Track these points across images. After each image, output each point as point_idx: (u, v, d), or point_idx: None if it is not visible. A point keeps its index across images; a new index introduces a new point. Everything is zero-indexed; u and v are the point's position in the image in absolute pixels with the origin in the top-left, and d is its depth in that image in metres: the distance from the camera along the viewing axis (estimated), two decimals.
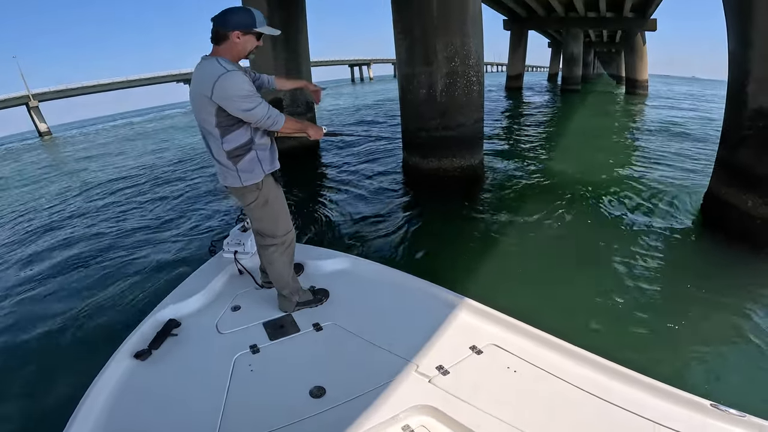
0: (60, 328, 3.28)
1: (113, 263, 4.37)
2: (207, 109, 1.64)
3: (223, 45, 1.66)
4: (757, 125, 3.69)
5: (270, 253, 1.94)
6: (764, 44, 3.53)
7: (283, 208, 1.95)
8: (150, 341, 1.74)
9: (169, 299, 2.03)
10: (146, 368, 1.64)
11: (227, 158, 1.73)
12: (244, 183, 1.78)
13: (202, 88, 1.61)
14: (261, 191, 1.82)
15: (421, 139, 6.04)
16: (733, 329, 2.76)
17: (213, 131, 1.69)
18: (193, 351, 1.73)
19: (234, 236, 2.35)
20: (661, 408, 1.26)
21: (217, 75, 1.57)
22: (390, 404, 1.37)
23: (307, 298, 2.02)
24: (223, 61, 1.62)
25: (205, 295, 2.07)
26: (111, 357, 1.65)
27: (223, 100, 1.60)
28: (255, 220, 1.93)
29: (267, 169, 1.82)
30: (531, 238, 4.32)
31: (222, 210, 5.64)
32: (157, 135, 19.56)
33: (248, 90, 1.62)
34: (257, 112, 1.65)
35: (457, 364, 1.53)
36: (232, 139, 1.71)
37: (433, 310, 1.83)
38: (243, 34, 1.64)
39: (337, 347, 1.73)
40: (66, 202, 7.66)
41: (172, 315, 1.92)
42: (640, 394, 1.32)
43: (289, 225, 1.98)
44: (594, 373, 1.42)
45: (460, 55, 5.47)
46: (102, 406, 1.45)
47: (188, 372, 1.62)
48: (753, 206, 3.78)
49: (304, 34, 9.39)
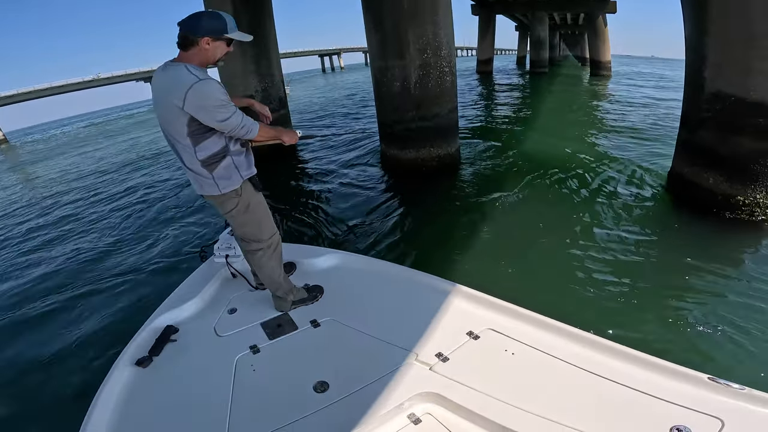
0: (53, 343, 3.20)
1: (103, 275, 4.22)
2: (178, 119, 1.55)
3: (191, 51, 1.57)
4: (715, 108, 3.91)
5: (258, 258, 1.91)
6: (719, 31, 3.73)
7: (266, 212, 1.91)
8: (150, 348, 1.74)
9: (164, 306, 2.01)
10: (149, 375, 1.64)
11: (201, 167, 1.66)
12: (222, 191, 1.71)
13: (172, 97, 1.51)
14: (241, 197, 1.77)
15: (398, 131, 6.06)
16: (711, 296, 2.96)
17: (183, 141, 1.61)
18: (193, 355, 1.74)
19: (224, 240, 2.32)
20: (659, 383, 1.28)
21: (189, 83, 1.49)
22: (393, 394, 1.39)
23: (301, 296, 2.01)
24: (193, 68, 1.53)
25: (200, 300, 2.06)
26: (112, 367, 1.65)
27: (197, 110, 1.52)
28: (238, 227, 1.88)
29: (244, 174, 1.76)
30: (509, 220, 4.48)
31: (208, 214, 5.48)
32: (122, 134, 18.72)
33: (223, 99, 1.55)
34: (232, 122, 1.58)
35: (455, 350, 1.56)
36: (205, 147, 1.63)
37: (428, 299, 1.85)
38: (213, 40, 1.57)
39: (336, 342, 1.75)
40: (38, 214, 7.28)
41: (169, 321, 1.91)
42: (637, 370, 1.34)
43: (273, 228, 1.95)
44: (589, 351, 1.45)
45: (431, 46, 5.49)
46: (110, 415, 1.44)
47: (191, 376, 1.63)
48: (714, 183, 4.03)
49: (272, 28, 9.15)
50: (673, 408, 1.21)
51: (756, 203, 3.82)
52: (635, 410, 1.23)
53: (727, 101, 3.77)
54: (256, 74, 8.69)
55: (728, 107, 3.79)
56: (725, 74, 3.78)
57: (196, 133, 1.59)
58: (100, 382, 1.56)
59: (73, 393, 2.59)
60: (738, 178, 3.86)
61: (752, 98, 3.60)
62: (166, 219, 5.73)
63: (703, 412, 1.17)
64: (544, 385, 1.37)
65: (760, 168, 3.71)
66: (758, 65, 3.51)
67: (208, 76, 1.58)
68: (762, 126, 3.61)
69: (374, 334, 1.72)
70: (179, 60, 1.58)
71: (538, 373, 1.42)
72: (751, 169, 3.76)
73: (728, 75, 3.75)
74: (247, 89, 8.50)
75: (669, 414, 1.19)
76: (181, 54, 1.59)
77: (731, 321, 2.66)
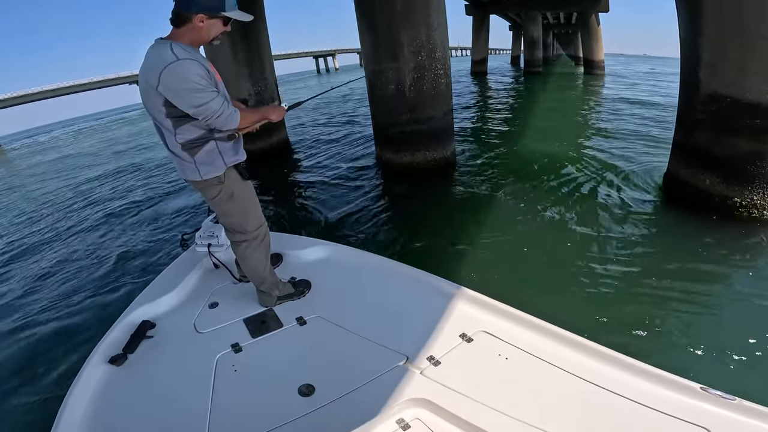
0: (21, 340, 3.04)
1: (75, 265, 3.99)
2: (154, 99, 1.47)
3: (183, 28, 1.48)
4: (710, 109, 3.89)
5: (242, 249, 1.82)
6: (713, 31, 3.71)
7: (252, 202, 1.81)
8: (124, 345, 1.65)
9: (140, 299, 1.91)
10: (123, 373, 1.56)
11: (182, 150, 1.57)
12: (204, 176, 1.62)
13: (149, 76, 1.44)
14: (224, 185, 1.67)
15: (393, 134, 6.03)
16: (709, 300, 2.91)
17: (164, 122, 1.52)
18: (171, 353, 1.65)
19: (206, 228, 2.20)
20: (651, 391, 1.27)
21: (165, 63, 1.40)
22: (382, 399, 1.34)
23: (287, 291, 1.91)
24: (177, 47, 1.44)
25: (179, 293, 1.96)
26: (84, 364, 1.56)
27: (170, 93, 1.43)
28: (222, 215, 1.79)
29: (229, 161, 1.66)
30: (504, 222, 4.41)
31: (191, 200, 5.27)
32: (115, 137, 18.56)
33: (199, 83, 1.43)
34: (208, 108, 1.46)
35: (447, 354, 1.50)
36: (187, 129, 1.54)
37: (420, 298, 1.78)
38: (208, 17, 1.48)
39: (323, 342, 1.67)
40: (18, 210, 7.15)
41: (146, 316, 1.82)
42: (629, 378, 1.32)
43: (260, 219, 1.85)
44: (584, 357, 1.42)
45: (425, 49, 5.45)
46: (80, 417, 1.37)
47: (168, 375, 1.54)
48: (711, 185, 4.00)
49: (265, 30, 9.09)
50: (664, 418, 1.20)
51: (753, 204, 3.80)
52: (627, 419, 1.22)
53: (723, 102, 3.75)
54: (249, 77, 8.62)
55: (723, 108, 3.76)
56: (720, 75, 3.76)
57: (175, 114, 1.50)
58: (70, 382, 1.49)
59: (42, 393, 2.44)
60: (734, 180, 3.84)
61: (747, 99, 3.57)
62: (145, 202, 5.49)
63: (692, 422, 1.16)
64: (536, 393, 1.33)
65: (757, 169, 3.69)
66: (753, 66, 3.49)
67: (193, 56, 1.47)
68: (758, 127, 3.58)
69: (363, 334, 1.65)
70: (169, 37, 1.51)
71: (531, 380, 1.38)
72: (747, 170, 3.73)
73: (723, 76, 3.73)
74: (239, 92, 8.42)
75: (659, 423, 1.18)
76: (173, 31, 1.52)
77: (728, 327, 2.62)
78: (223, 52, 7.73)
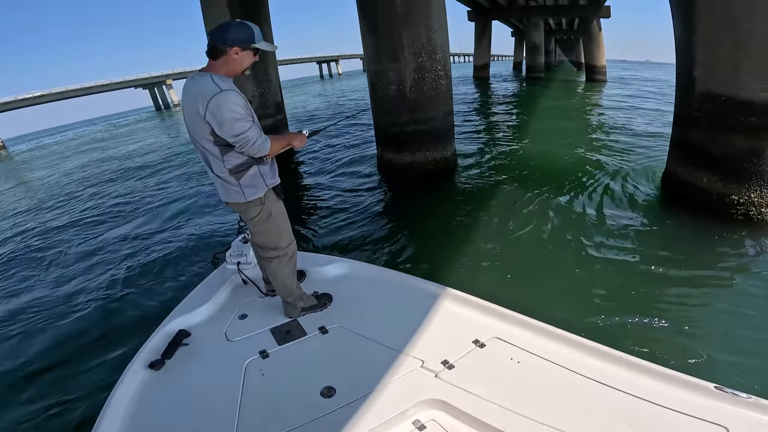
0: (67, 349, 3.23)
1: (115, 280, 4.23)
2: (202, 128, 1.61)
3: (220, 60, 1.62)
4: (706, 108, 3.94)
5: (274, 266, 1.95)
6: (707, 30, 3.77)
7: (285, 220, 1.96)
8: (162, 352, 1.78)
9: (177, 311, 2.06)
10: (161, 377, 1.68)
11: (230, 175, 1.71)
12: (248, 198, 1.76)
13: (196, 106, 1.57)
14: (264, 205, 1.82)
15: (394, 134, 6.08)
16: (715, 300, 2.94)
17: (212, 149, 1.66)
18: (204, 359, 1.78)
19: (236, 248, 2.38)
20: (665, 392, 1.28)
21: (211, 94, 1.54)
22: (399, 400, 1.41)
23: (311, 303, 2.04)
24: (218, 78, 1.59)
25: (211, 306, 2.11)
26: (126, 369, 1.69)
27: (215, 121, 1.57)
28: (257, 234, 1.92)
29: (269, 183, 1.82)
30: (506, 224, 4.45)
31: (220, 222, 5.48)
32: (127, 139, 18.73)
33: (242, 113, 1.58)
34: (247, 136, 1.61)
35: (461, 358, 1.57)
36: (233, 156, 1.68)
37: (435, 308, 1.88)
38: (241, 50, 1.62)
39: (343, 348, 1.78)
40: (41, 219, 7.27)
41: (182, 326, 1.96)
42: (643, 379, 1.34)
43: (290, 236, 2.00)
44: (595, 360, 1.46)
45: (426, 50, 5.53)
46: (122, 416, 1.48)
47: (202, 379, 1.66)
48: (709, 183, 4.05)
49: (269, 34, 9.22)
50: (680, 417, 1.21)
51: (751, 202, 3.83)
52: (642, 420, 1.23)
53: (718, 100, 3.80)
54: (253, 80, 8.74)
55: (719, 106, 3.81)
56: (714, 74, 3.81)
57: (223, 142, 1.63)
58: (113, 385, 1.61)
59: (86, 395, 2.63)
60: (732, 177, 3.88)
61: (742, 97, 3.63)
62: (179, 223, 5.70)
63: (710, 421, 1.17)
64: (548, 394, 1.37)
65: (753, 167, 3.73)
66: (746, 64, 3.54)
67: (233, 87, 1.61)
68: (753, 124, 3.63)
69: (381, 341, 1.74)
70: (207, 69, 1.65)
71: (543, 382, 1.42)
72: (744, 168, 3.77)
73: (717, 74, 3.78)
74: (244, 95, 8.52)
75: (676, 423, 1.20)
76: (210, 63, 1.65)
77: (735, 326, 2.63)
78: None
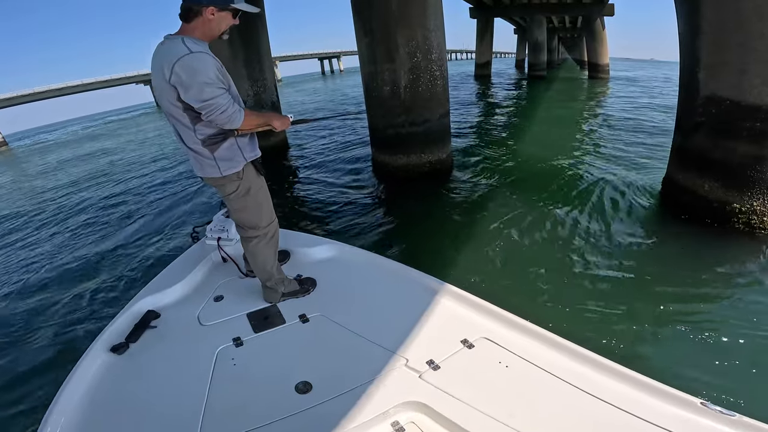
0: (30, 324, 3.07)
1: (86, 253, 4.03)
2: (169, 93, 1.47)
3: (194, 22, 1.48)
4: (709, 111, 3.78)
5: (253, 245, 1.83)
6: (712, 31, 3.61)
7: (266, 198, 1.83)
8: (127, 334, 1.67)
9: (147, 289, 1.94)
10: (123, 362, 1.57)
11: (203, 146, 1.56)
12: (224, 173, 1.62)
13: (162, 70, 1.43)
14: (242, 180, 1.68)
15: (388, 136, 5.96)
16: (710, 312, 2.83)
17: (181, 118, 1.53)
18: (173, 344, 1.67)
19: (217, 222, 2.24)
20: (651, 405, 1.25)
21: (178, 55, 1.40)
22: (378, 400, 1.34)
23: (292, 288, 1.92)
24: (189, 40, 1.45)
25: (186, 285, 1.99)
26: (86, 351, 1.58)
27: (181, 85, 1.42)
28: (236, 211, 1.80)
29: (248, 156, 1.68)
30: (503, 229, 4.32)
31: (203, 194, 5.28)
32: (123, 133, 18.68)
33: (211, 76, 1.44)
34: (215, 103, 1.45)
35: (447, 359, 1.49)
36: (206, 125, 1.53)
37: (424, 302, 1.77)
38: (219, 10, 1.48)
39: (324, 340, 1.67)
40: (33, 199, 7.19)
41: (151, 306, 1.85)
42: (630, 391, 1.31)
43: (272, 215, 1.87)
44: (585, 368, 1.40)
45: (422, 50, 5.39)
46: (77, 402, 1.39)
47: (168, 366, 1.56)
48: (710, 190, 3.89)
49: (265, 31, 9.07)
50: None
51: (753, 211, 3.68)
52: None
53: (722, 104, 3.65)
54: (248, 78, 8.60)
55: (723, 110, 3.66)
56: (719, 76, 3.66)
57: (192, 109, 1.49)
58: (71, 368, 1.51)
59: (43, 378, 2.50)
60: (734, 185, 3.72)
61: (748, 101, 3.47)
62: (158, 195, 5.54)
63: None
64: (536, 403, 1.31)
65: (757, 174, 3.58)
66: (754, 67, 3.39)
67: (206, 50, 1.48)
68: (758, 130, 3.47)
69: (364, 334, 1.65)
70: (180, 33, 1.50)
71: (531, 390, 1.36)
72: (747, 175, 3.62)
73: (723, 77, 3.63)
74: (238, 93, 8.41)
75: None
76: (183, 26, 1.51)
77: (729, 339, 2.53)
78: (221, 53, 7.72)
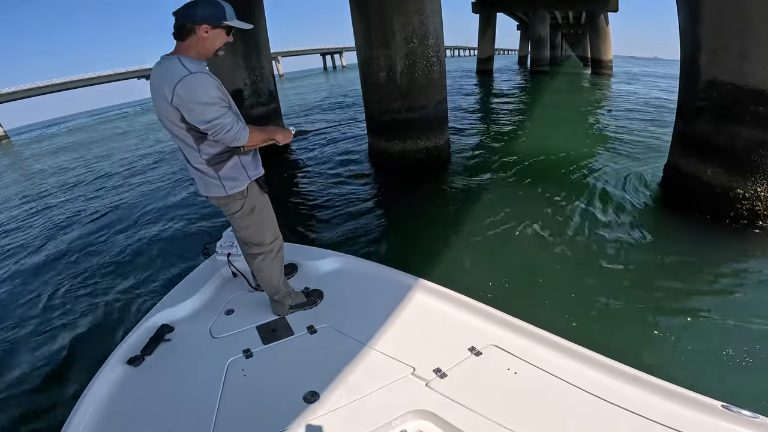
0: (50, 337, 3.14)
1: (102, 270, 4.12)
2: (171, 115, 1.46)
3: (188, 41, 1.46)
4: (711, 96, 3.69)
5: (258, 262, 1.83)
6: (712, 17, 3.52)
7: (270, 215, 1.84)
8: (143, 347, 1.72)
9: (161, 304, 2.00)
10: (139, 374, 1.62)
11: (207, 166, 1.57)
12: (229, 192, 1.63)
13: (163, 91, 1.42)
14: (246, 199, 1.69)
15: (385, 122, 5.89)
16: (703, 308, 2.75)
17: (185, 139, 1.51)
18: (185, 356, 1.71)
19: (227, 238, 2.29)
20: (668, 409, 1.20)
21: (178, 77, 1.39)
22: (386, 409, 1.34)
23: (300, 300, 1.94)
24: (187, 60, 1.43)
25: (198, 299, 2.04)
26: (103, 364, 1.63)
27: (183, 107, 1.42)
28: (241, 229, 1.79)
29: (252, 174, 1.68)
30: (499, 219, 4.26)
31: (213, 212, 5.33)
32: (126, 132, 18.65)
33: (214, 96, 1.43)
34: (220, 123, 1.45)
35: (455, 367, 1.48)
36: (210, 144, 1.53)
37: (431, 310, 1.79)
38: (212, 27, 1.46)
39: (331, 350, 1.68)
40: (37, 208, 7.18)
41: (165, 320, 1.89)
42: (646, 395, 1.26)
43: (276, 231, 1.87)
44: (598, 373, 1.35)
45: (418, 35, 5.30)
46: (94, 413, 1.43)
47: (181, 378, 1.60)
48: (713, 175, 3.81)
49: (263, 20, 8.99)
50: None
51: (757, 196, 3.59)
52: None
53: (724, 88, 3.55)
54: (245, 68, 8.53)
55: (725, 95, 3.56)
56: (721, 60, 3.56)
57: (196, 129, 1.49)
58: (89, 380, 1.55)
59: (62, 389, 2.58)
60: (737, 170, 3.64)
61: (750, 85, 3.38)
62: (172, 213, 5.57)
63: None
64: (547, 411, 1.28)
65: (760, 159, 3.49)
66: (755, 51, 3.28)
67: (204, 69, 1.47)
68: (761, 114, 3.38)
69: (372, 344, 1.66)
70: (175, 52, 1.48)
71: (541, 397, 1.33)
72: (750, 160, 3.53)
73: (724, 61, 3.53)
74: (235, 83, 8.33)
75: None
76: (178, 45, 1.49)
77: (739, 336, 2.45)
78: None
